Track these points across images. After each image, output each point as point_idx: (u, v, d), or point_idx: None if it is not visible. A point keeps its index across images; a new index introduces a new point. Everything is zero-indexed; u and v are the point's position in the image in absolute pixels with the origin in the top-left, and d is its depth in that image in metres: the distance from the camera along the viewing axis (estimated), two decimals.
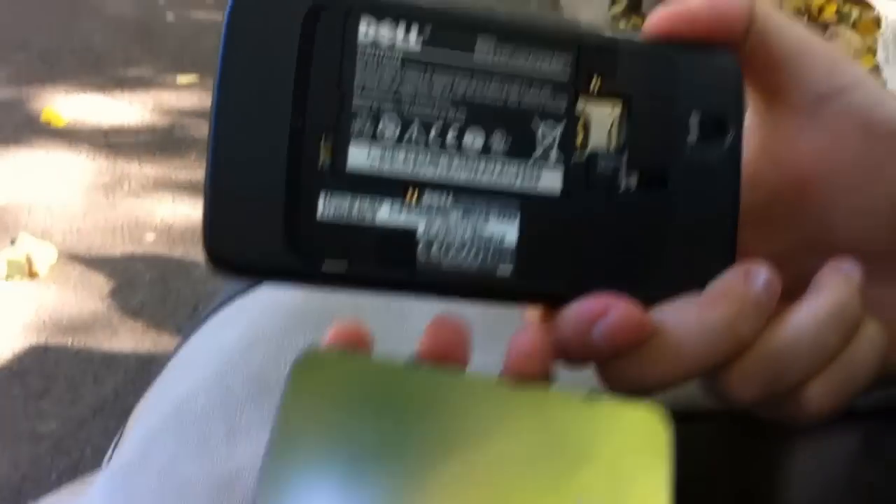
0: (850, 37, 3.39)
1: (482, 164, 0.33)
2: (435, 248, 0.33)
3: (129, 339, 1.77)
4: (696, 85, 0.35)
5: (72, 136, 2.29)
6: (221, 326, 0.57)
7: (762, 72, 0.37)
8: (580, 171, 0.34)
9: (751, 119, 0.39)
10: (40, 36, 2.69)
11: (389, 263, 0.32)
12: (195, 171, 2.20)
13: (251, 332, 0.53)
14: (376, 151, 0.32)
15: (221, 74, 0.32)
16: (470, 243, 0.33)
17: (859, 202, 0.37)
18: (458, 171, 0.33)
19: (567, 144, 0.34)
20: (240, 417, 0.49)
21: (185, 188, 2.15)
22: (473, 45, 0.33)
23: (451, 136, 0.33)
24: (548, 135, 0.34)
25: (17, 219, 2.01)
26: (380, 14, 0.32)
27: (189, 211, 2.07)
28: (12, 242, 1.94)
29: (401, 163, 0.33)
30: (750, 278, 0.34)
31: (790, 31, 0.36)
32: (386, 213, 0.32)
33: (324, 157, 0.32)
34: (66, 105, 2.39)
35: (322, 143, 0.32)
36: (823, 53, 0.36)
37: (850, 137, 0.36)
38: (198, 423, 0.49)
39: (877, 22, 3.34)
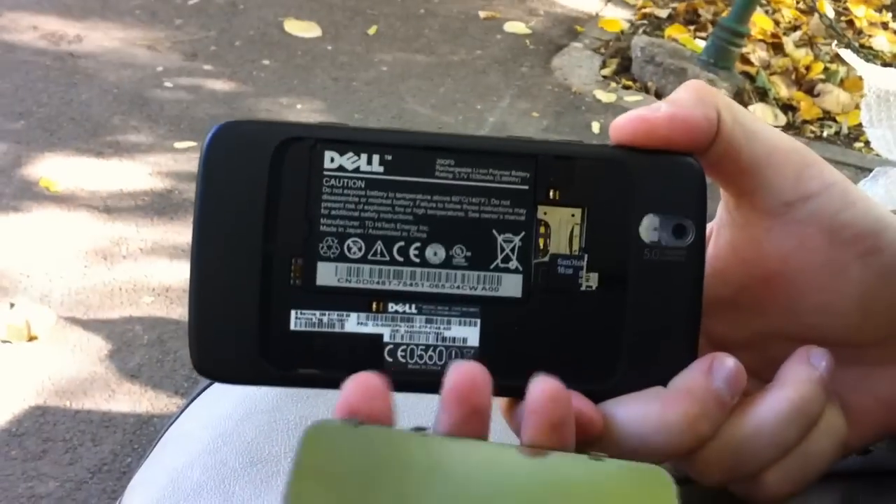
0: (837, 94, 3.43)
1: (444, 275, 0.36)
2: (401, 351, 0.36)
3: (127, 400, 1.78)
4: (655, 189, 0.36)
5: (70, 201, 2.32)
6: (217, 398, 0.58)
7: (730, 176, 0.37)
8: (540, 274, 0.36)
9: (721, 215, 0.40)
10: (40, 104, 2.73)
11: (358, 367, 0.34)
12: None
13: (245, 405, 0.55)
14: (343, 268, 0.35)
15: (200, 204, 0.35)
16: (434, 346, 0.36)
17: (825, 299, 0.38)
18: (421, 282, 0.35)
19: (527, 251, 0.36)
20: (233, 489, 0.51)
21: (182, 251, 2.18)
22: (434, 166, 0.35)
23: (413, 251, 0.35)
24: (508, 243, 0.36)
25: (16, 282, 2.03)
26: (343, 147, 0.35)
27: (186, 274, 2.09)
28: (11, 306, 1.96)
29: (367, 277, 0.35)
30: (713, 373, 0.35)
31: (759, 138, 0.37)
32: (354, 323, 0.35)
33: (295, 275, 0.35)
34: (64, 171, 2.42)
35: (293, 263, 0.35)
36: (791, 161, 0.37)
37: (815, 241, 0.37)
38: (193, 495, 0.51)
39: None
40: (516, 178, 0.36)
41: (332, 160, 0.35)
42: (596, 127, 3.08)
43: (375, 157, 0.35)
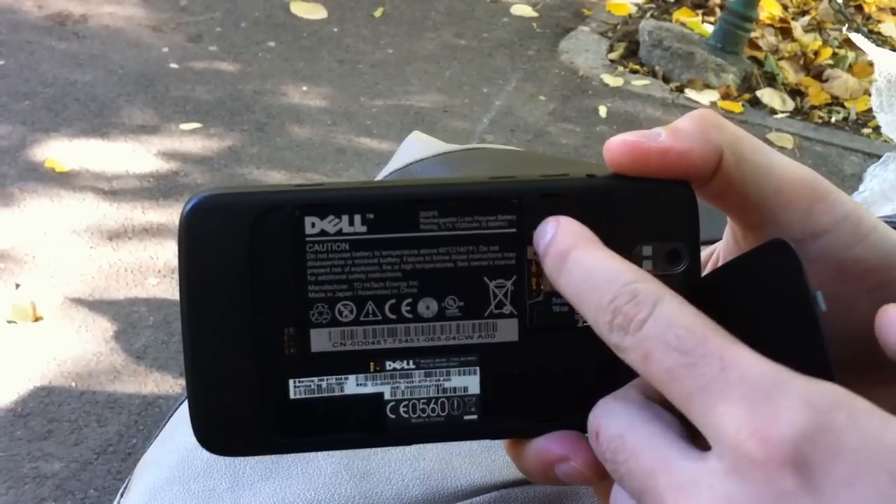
0: (846, 79, 3.42)
1: (439, 327, 0.35)
2: (403, 407, 0.35)
3: (133, 381, 1.79)
4: (646, 217, 0.35)
5: (76, 183, 2.32)
6: None
7: (736, 210, 0.36)
8: (536, 315, 0.35)
9: (728, 241, 0.40)
10: (45, 84, 2.73)
11: (362, 427, 0.35)
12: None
13: None
14: (336, 333, 0.35)
15: (186, 283, 0.34)
16: (435, 398, 0.35)
17: (832, 331, 0.36)
18: (416, 337, 0.35)
19: (520, 294, 0.35)
20: (243, 469, 0.51)
21: None
22: (417, 219, 0.35)
23: (405, 307, 0.35)
24: (500, 288, 0.35)
25: (22, 263, 2.04)
26: (324, 211, 0.34)
27: None
28: (17, 287, 1.96)
29: (361, 339, 0.35)
30: None
31: (768, 173, 0.35)
32: (353, 385, 0.35)
33: (289, 345, 0.35)
34: (70, 152, 2.42)
35: (285, 332, 0.35)
36: (802, 197, 0.35)
37: (824, 277, 0.35)
38: (203, 475, 0.51)
39: (872, 64, 3.37)
40: (502, 221, 0.35)
41: (314, 225, 0.34)
42: (603, 111, 3.08)
43: (357, 218, 0.34)
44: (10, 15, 3.09)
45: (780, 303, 0.31)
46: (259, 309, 0.34)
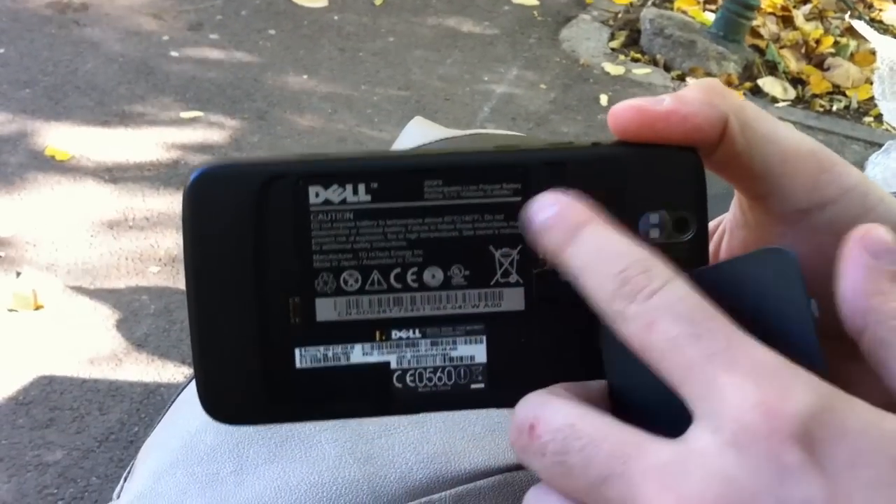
0: (847, 68, 3.41)
1: (445, 296, 0.35)
2: (409, 376, 0.35)
3: (134, 369, 1.79)
4: (652, 185, 0.35)
5: (76, 171, 2.32)
6: None
7: (742, 179, 0.36)
8: (542, 284, 0.35)
9: (734, 213, 0.39)
10: (45, 72, 2.73)
11: (368, 396, 0.35)
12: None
13: None
14: (342, 302, 0.35)
15: (190, 254, 0.34)
16: (442, 367, 0.35)
17: (831, 301, 0.36)
18: (422, 306, 0.35)
19: (526, 263, 0.35)
20: (247, 453, 0.51)
21: None
22: (422, 188, 0.34)
23: (410, 276, 0.35)
24: (506, 257, 0.35)
25: (22, 252, 2.04)
26: (327, 180, 0.34)
27: None
28: (18, 275, 1.97)
29: (366, 308, 0.35)
30: None
31: (773, 142, 0.35)
32: (359, 354, 0.35)
33: (294, 314, 0.34)
34: (70, 140, 2.42)
35: (291, 302, 0.34)
36: (808, 166, 0.35)
37: (831, 248, 0.34)
38: (207, 458, 0.51)
39: (874, 53, 3.36)
40: (507, 190, 0.35)
41: (318, 195, 0.34)
42: (604, 99, 3.07)
43: (361, 187, 0.34)
44: (10, 3, 3.08)
45: (774, 308, 0.31)
46: (264, 279, 0.34)
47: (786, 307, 0.30)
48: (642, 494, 0.27)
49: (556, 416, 0.30)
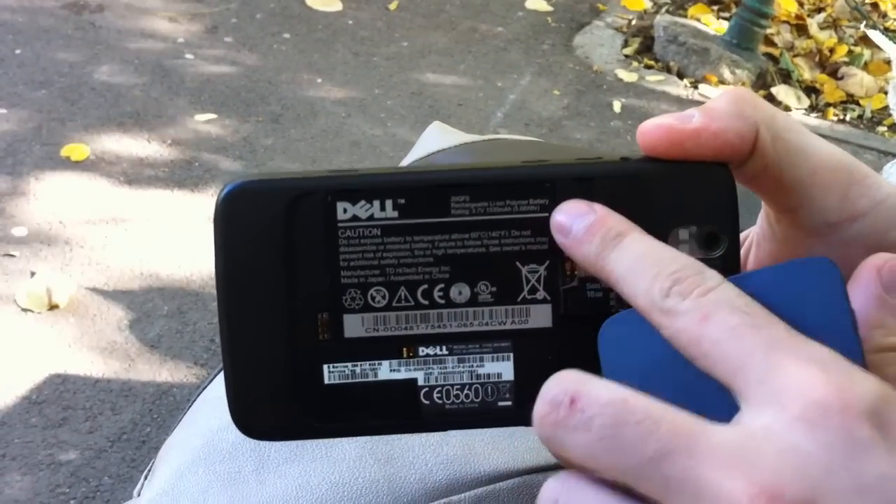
0: (861, 77, 3.41)
1: (472, 313, 0.35)
2: (436, 393, 0.35)
3: (147, 370, 1.79)
4: (682, 201, 0.35)
5: (91, 171, 2.33)
6: None
7: (771, 192, 0.36)
8: (569, 301, 0.35)
9: (762, 226, 0.39)
10: (61, 73, 2.74)
11: (396, 412, 0.35)
12: (213, 205, 2.23)
13: None
14: (369, 318, 0.35)
15: (221, 269, 0.35)
16: (469, 384, 0.35)
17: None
18: (449, 322, 0.35)
19: (554, 279, 0.35)
20: (268, 452, 0.51)
21: (202, 222, 2.19)
22: (449, 204, 0.34)
23: (437, 293, 0.35)
24: (533, 273, 0.35)
25: (37, 251, 2.05)
26: (355, 196, 0.34)
27: (206, 245, 2.10)
28: (32, 275, 1.97)
29: (394, 324, 0.35)
30: None
31: (804, 154, 0.35)
32: (387, 371, 0.35)
33: (322, 330, 0.35)
34: (85, 141, 2.43)
35: (319, 318, 0.35)
36: (838, 179, 0.35)
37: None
38: (228, 457, 0.51)
39: (888, 62, 3.36)
40: (535, 206, 0.35)
41: (346, 211, 0.34)
42: (617, 106, 3.07)
43: (388, 203, 0.34)
44: (26, 4, 3.10)
45: (816, 315, 0.30)
46: (293, 294, 0.35)
47: (829, 315, 0.30)
48: (708, 474, 0.26)
49: (602, 391, 0.29)
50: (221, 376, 0.61)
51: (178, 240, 2.14)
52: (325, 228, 0.34)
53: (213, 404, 0.58)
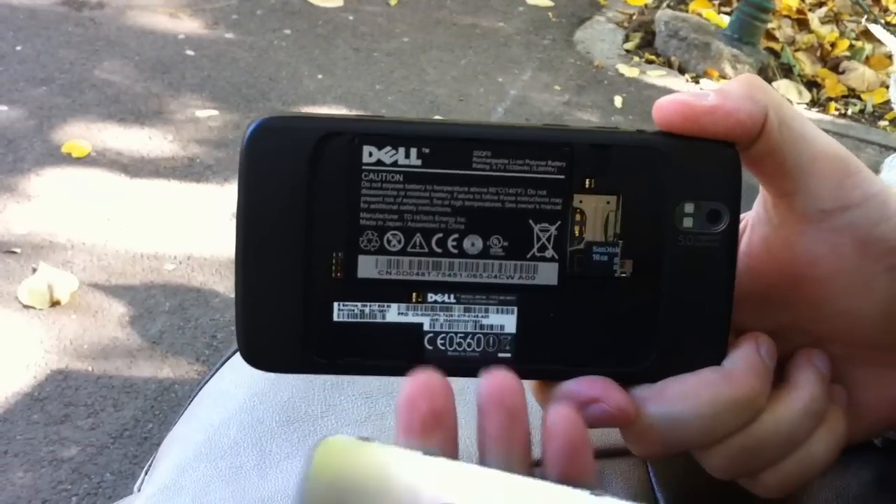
0: (863, 71, 3.41)
1: (482, 265, 0.36)
2: (440, 339, 0.36)
3: (149, 366, 1.79)
4: (690, 175, 0.36)
5: (92, 168, 2.33)
6: None
7: (771, 176, 0.37)
8: (576, 262, 0.36)
9: (757, 211, 0.40)
10: (62, 70, 2.74)
11: (400, 355, 0.36)
12: (214, 202, 2.24)
13: None
14: (383, 261, 0.36)
15: (243, 201, 0.35)
16: (472, 334, 0.37)
17: (851, 304, 0.38)
18: (459, 272, 0.36)
19: (563, 239, 0.36)
20: (270, 447, 0.51)
21: (204, 219, 2.19)
22: (470, 158, 0.36)
23: (451, 242, 0.36)
24: (544, 232, 0.36)
25: (38, 248, 2.04)
26: (382, 141, 0.35)
27: (208, 241, 2.10)
28: (33, 271, 1.97)
29: (406, 269, 0.36)
30: (760, 352, 0.37)
31: (805, 142, 0.36)
32: (395, 314, 0.36)
33: (336, 269, 0.36)
34: (86, 137, 2.43)
35: (334, 256, 0.36)
36: (835, 168, 0.36)
37: (847, 250, 0.37)
38: (230, 452, 0.51)
39: (889, 56, 3.35)
40: (553, 167, 0.36)
41: (371, 154, 0.35)
42: (618, 101, 3.07)
43: (413, 151, 0.35)
44: (27, 1, 3.09)
45: None
46: (311, 232, 0.35)
47: None
48: None
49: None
50: (223, 371, 0.61)
51: (180, 236, 2.14)
52: (348, 170, 0.35)
53: (214, 399, 0.58)
